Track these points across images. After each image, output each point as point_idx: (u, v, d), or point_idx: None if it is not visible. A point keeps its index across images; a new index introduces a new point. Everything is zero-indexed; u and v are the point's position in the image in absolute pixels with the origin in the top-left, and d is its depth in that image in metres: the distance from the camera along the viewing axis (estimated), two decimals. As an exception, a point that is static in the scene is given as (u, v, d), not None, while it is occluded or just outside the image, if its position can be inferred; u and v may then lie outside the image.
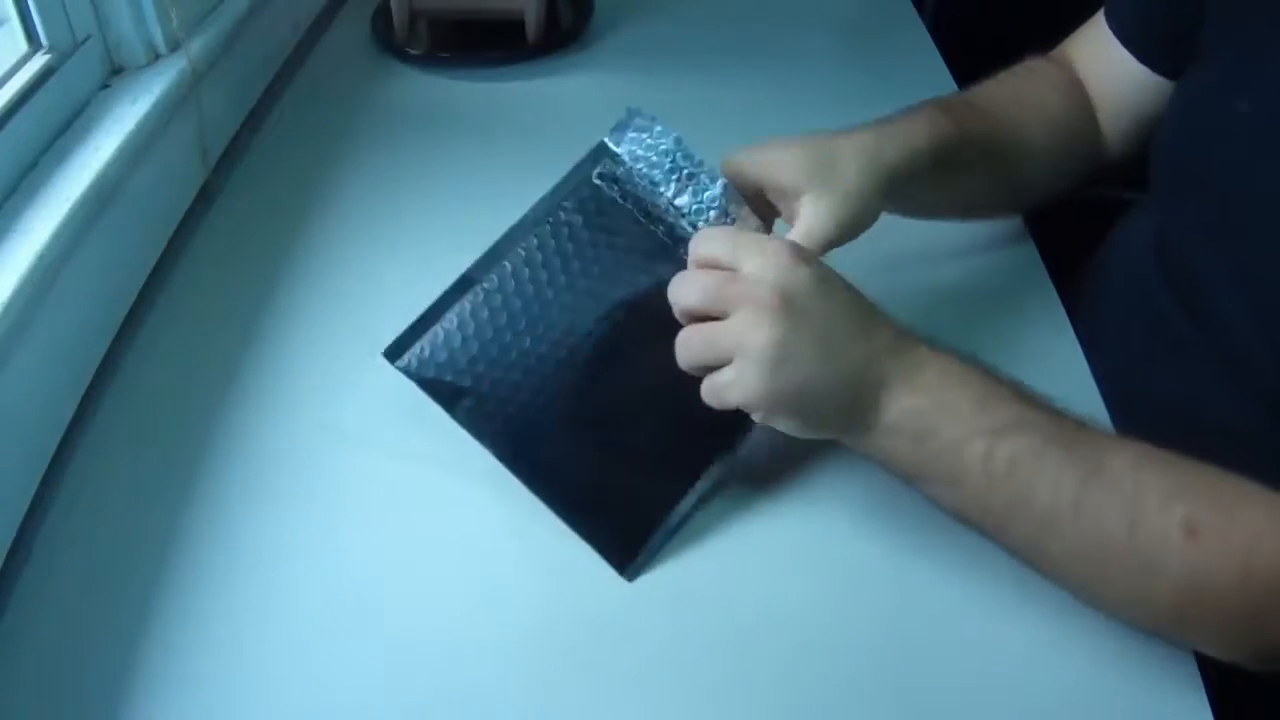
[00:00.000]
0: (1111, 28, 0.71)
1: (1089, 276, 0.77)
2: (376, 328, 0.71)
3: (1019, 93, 0.73)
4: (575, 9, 1.06)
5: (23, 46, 0.68)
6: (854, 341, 0.51)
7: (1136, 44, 0.70)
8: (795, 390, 0.51)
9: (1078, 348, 0.69)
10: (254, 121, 0.90)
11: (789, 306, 0.50)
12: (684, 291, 0.53)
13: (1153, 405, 0.65)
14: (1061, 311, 0.71)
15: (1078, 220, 0.80)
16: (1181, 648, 0.52)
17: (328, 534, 0.58)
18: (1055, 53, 0.77)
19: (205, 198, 0.81)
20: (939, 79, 0.94)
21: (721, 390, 0.52)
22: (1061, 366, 0.68)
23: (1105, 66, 0.73)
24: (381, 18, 1.03)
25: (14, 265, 0.57)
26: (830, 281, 0.52)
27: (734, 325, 0.51)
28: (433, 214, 0.81)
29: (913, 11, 1.08)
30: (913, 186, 0.64)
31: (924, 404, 0.51)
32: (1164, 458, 0.50)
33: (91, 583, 0.56)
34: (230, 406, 0.65)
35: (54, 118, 0.67)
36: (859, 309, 0.53)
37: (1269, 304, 0.57)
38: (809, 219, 0.59)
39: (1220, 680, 0.51)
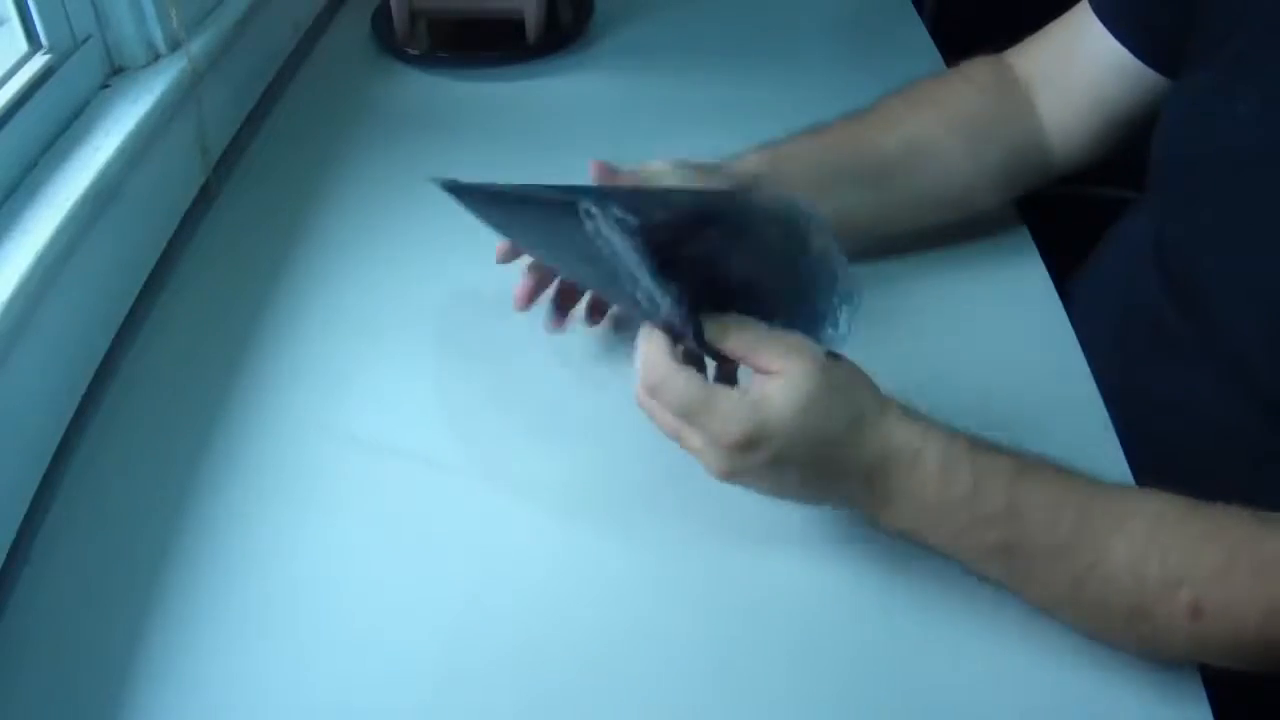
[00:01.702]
0: (1096, 9, 0.69)
1: (1088, 276, 0.77)
2: (376, 327, 0.71)
3: (922, 97, 0.73)
4: (575, 9, 1.06)
5: (23, 46, 0.68)
6: (813, 490, 0.53)
7: (1124, 28, 0.68)
8: (764, 490, 0.54)
9: (1078, 348, 0.69)
10: (254, 121, 0.90)
11: (733, 476, 0.52)
12: (648, 409, 0.53)
13: (1152, 405, 0.65)
14: (1061, 311, 0.71)
15: (1077, 220, 0.80)
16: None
17: (327, 534, 0.58)
18: (1010, 52, 0.75)
19: (205, 198, 0.81)
20: (939, 79, 0.94)
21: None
22: (1061, 366, 0.68)
23: (1081, 57, 0.71)
24: (381, 18, 1.03)
25: (14, 265, 0.57)
26: (782, 461, 0.50)
27: (693, 448, 0.52)
28: (432, 214, 0.81)
29: (913, 11, 1.08)
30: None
31: (903, 528, 0.52)
32: (1171, 537, 0.49)
33: (91, 583, 0.56)
34: (230, 406, 0.65)
35: (54, 118, 0.68)
36: (818, 471, 0.51)
37: (1267, 306, 0.57)
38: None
39: (1220, 678, 0.51)
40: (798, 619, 0.54)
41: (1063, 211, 0.80)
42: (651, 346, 0.52)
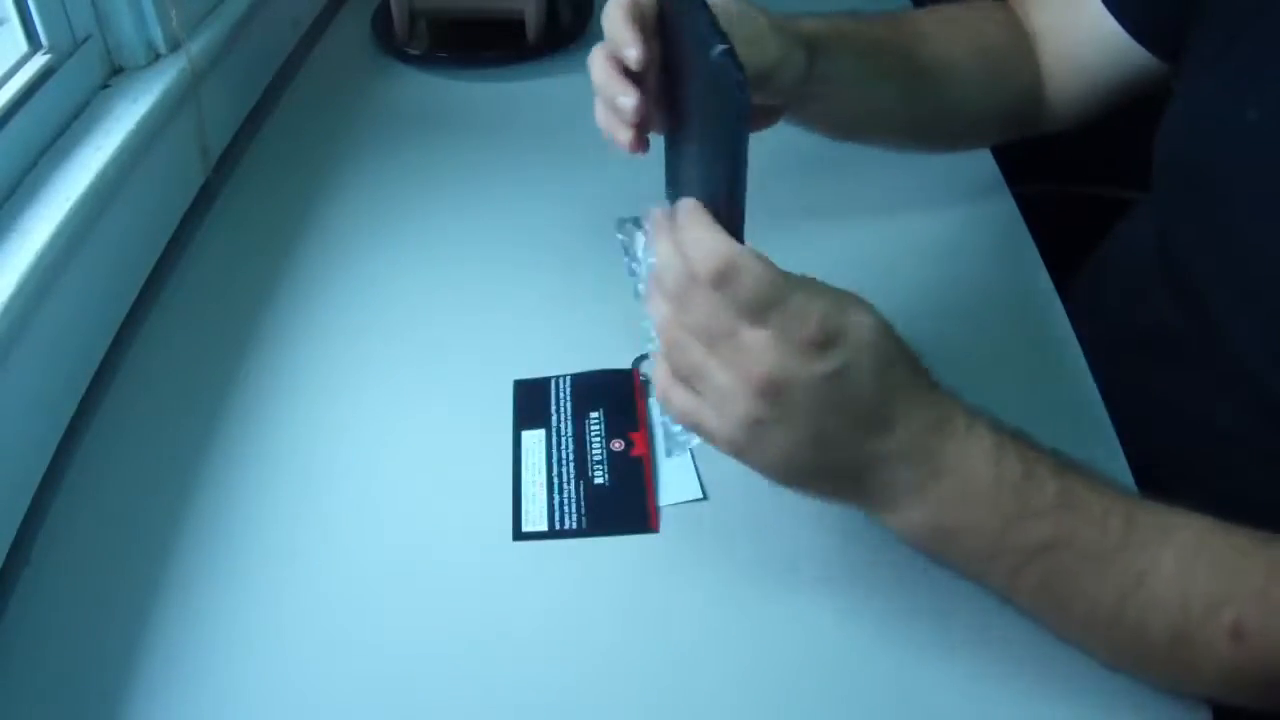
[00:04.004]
0: None
1: (1089, 276, 0.77)
2: (374, 327, 0.71)
3: (951, 20, 0.73)
4: (575, 9, 1.06)
5: (23, 46, 0.68)
6: (854, 442, 0.46)
7: (1123, 7, 0.68)
8: (769, 467, 0.47)
9: (1078, 348, 0.69)
10: (254, 121, 0.90)
11: (777, 394, 0.44)
12: (676, 328, 0.46)
13: (1152, 406, 0.65)
14: (1061, 311, 0.71)
15: (1078, 220, 0.80)
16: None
17: (327, 534, 0.58)
18: (1014, 1, 0.76)
19: (205, 198, 0.81)
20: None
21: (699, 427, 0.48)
22: (1061, 366, 0.68)
23: (1077, 25, 0.71)
24: (381, 18, 1.03)
25: (14, 265, 0.57)
26: (846, 378, 0.44)
27: (710, 390, 0.46)
28: (432, 214, 0.81)
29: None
30: (820, 80, 0.62)
31: (941, 520, 0.46)
32: (1216, 551, 0.46)
33: (91, 583, 0.56)
34: (230, 406, 0.65)
35: (54, 118, 0.68)
36: (874, 406, 0.45)
37: (1268, 310, 0.57)
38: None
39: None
40: (804, 628, 0.54)
41: (1063, 211, 0.80)
42: (704, 229, 0.45)
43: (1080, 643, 0.49)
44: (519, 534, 0.58)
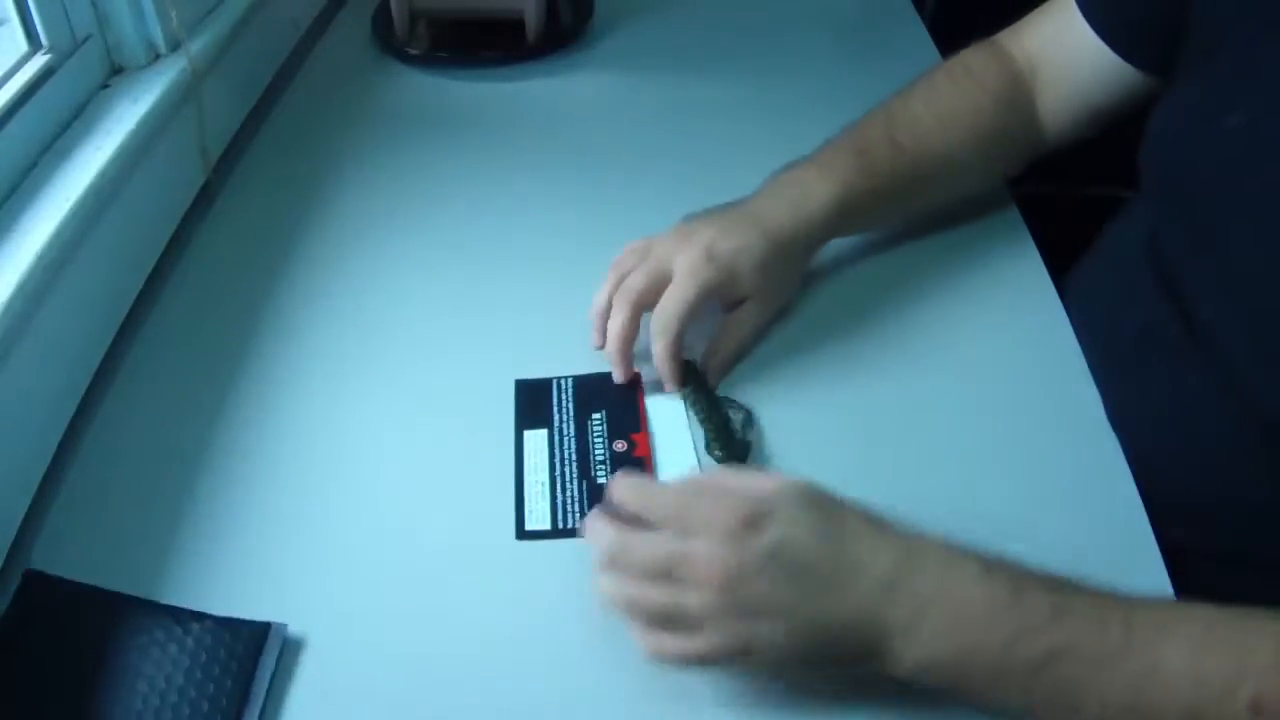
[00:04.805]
0: (1082, 9, 0.70)
1: (1084, 274, 0.77)
2: (376, 327, 0.71)
3: (948, 111, 0.73)
4: (575, 9, 1.06)
5: (23, 46, 0.68)
6: (824, 603, 0.47)
7: (1108, 28, 0.68)
8: (770, 659, 0.48)
9: (1077, 348, 0.69)
10: (254, 121, 0.90)
11: (739, 584, 0.47)
12: (630, 554, 0.49)
13: (1149, 406, 0.65)
14: (1061, 311, 0.71)
15: (1077, 220, 0.80)
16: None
17: (329, 534, 0.58)
18: (1004, 35, 0.76)
19: (205, 198, 0.81)
20: (939, 79, 0.94)
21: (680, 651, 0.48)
22: (1060, 366, 0.68)
23: (1067, 50, 0.72)
24: (381, 18, 1.03)
25: (14, 265, 0.57)
26: (787, 546, 0.47)
27: (688, 619, 0.48)
28: (432, 214, 0.81)
29: (913, 11, 1.08)
30: (835, 236, 0.71)
31: (938, 654, 0.47)
32: (1222, 635, 0.46)
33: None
34: (229, 406, 0.65)
35: (54, 118, 0.68)
36: (828, 564, 0.47)
37: (1257, 316, 0.57)
38: (742, 326, 0.67)
39: None
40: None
41: (1062, 211, 0.80)
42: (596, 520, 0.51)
43: None
44: (522, 533, 0.58)
